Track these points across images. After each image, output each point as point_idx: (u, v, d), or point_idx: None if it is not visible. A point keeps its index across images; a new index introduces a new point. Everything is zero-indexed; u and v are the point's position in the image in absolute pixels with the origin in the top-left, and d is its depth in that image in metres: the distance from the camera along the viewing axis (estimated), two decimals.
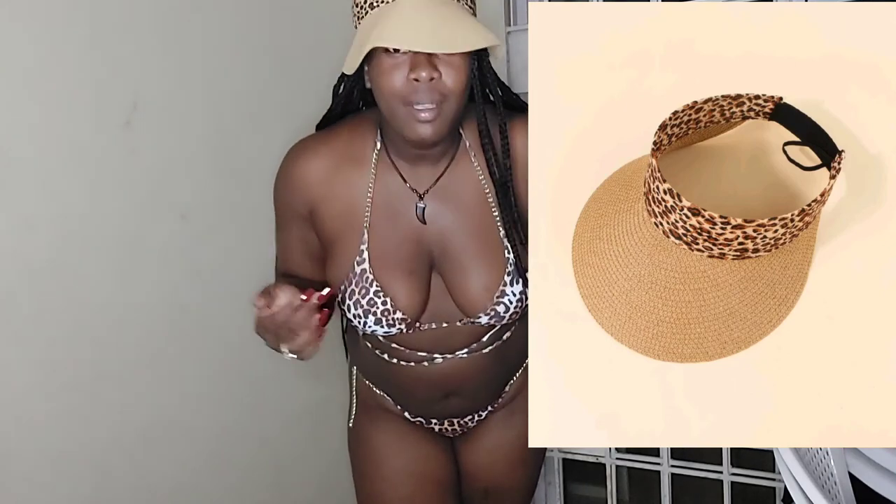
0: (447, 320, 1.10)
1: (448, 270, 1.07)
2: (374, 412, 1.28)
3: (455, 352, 1.13)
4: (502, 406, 1.29)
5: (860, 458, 1.01)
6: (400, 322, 1.08)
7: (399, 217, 1.05)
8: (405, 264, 1.05)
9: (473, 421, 1.29)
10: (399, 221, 1.05)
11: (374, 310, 1.05)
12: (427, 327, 1.10)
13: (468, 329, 1.12)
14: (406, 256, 1.05)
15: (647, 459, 1.99)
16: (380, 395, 1.26)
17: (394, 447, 1.25)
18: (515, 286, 1.07)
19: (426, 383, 1.16)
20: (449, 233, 1.06)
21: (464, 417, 1.28)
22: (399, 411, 1.27)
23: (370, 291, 1.04)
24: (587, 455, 2.06)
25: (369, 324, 1.07)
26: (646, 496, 2.07)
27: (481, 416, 1.28)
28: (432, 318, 1.10)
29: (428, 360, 1.13)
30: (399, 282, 1.05)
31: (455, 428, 1.29)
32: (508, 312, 1.09)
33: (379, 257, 1.04)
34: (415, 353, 1.13)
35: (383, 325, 1.07)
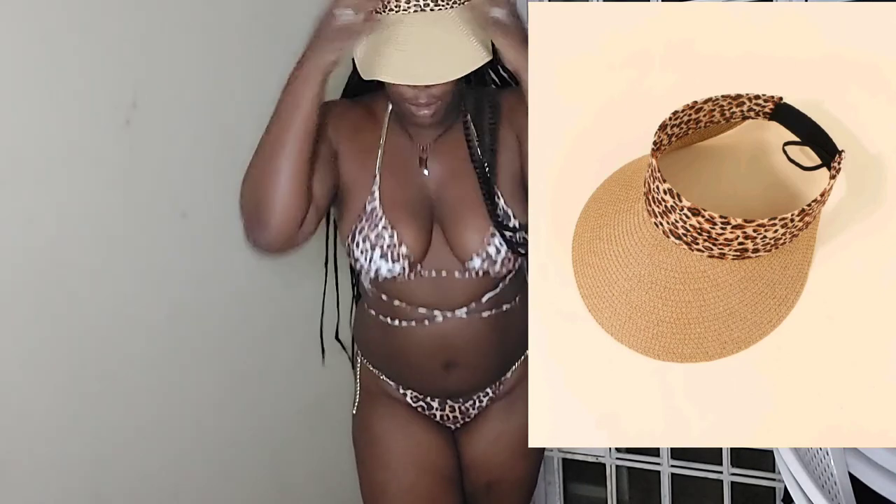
0: (446, 268, 1.18)
1: (445, 217, 1.17)
2: (377, 400, 1.31)
3: (454, 309, 1.19)
4: (503, 395, 1.31)
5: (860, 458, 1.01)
6: (403, 259, 1.15)
7: (405, 167, 1.17)
8: (409, 207, 1.16)
9: (475, 407, 1.31)
10: (405, 170, 1.17)
11: (380, 243, 1.14)
12: (427, 274, 1.18)
13: (466, 283, 1.19)
14: (410, 200, 1.16)
15: (647, 459, 2.00)
16: (383, 381, 1.30)
17: (396, 435, 1.28)
18: (504, 223, 1.15)
19: (427, 349, 1.21)
20: (446, 183, 1.17)
21: (465, 400, 1.30)
22: (402, 397, 1.30)
23: (378, 226, 1.14)
24: (587, 455, 2.06)
25: (374, 259, 1.14)
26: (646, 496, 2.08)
27: (482, 403, 1.31)
28: (432, 265, 1.17)
29: (428, 318, 1.19)
30: (404, 221, 1.14)
31: (456, 415, 1.31)
32: (500, 256, 1.17)
33: (388, 198, 1.15)
34: (415, 310, 1.19)
35: (388, 260, 1.14)
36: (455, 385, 1.26)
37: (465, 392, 1.29)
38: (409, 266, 1.16)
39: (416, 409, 1.31)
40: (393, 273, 1.16)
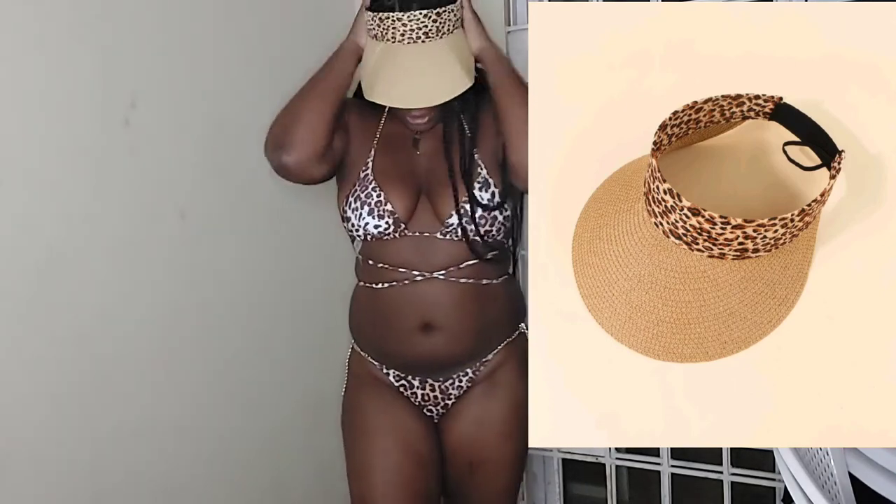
0: (429, 230, 1.31)
1: (431, 189, 1.32)
2: (364, 382, 1.40)
3: (433, 271, 1.30)
4: (483, 378, 1.38)
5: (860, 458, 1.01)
6: (389, 215, 1.29)
7: (399, 146, 1.35)
8: (399, 175, 1.32)
9: (454, 387, 1.38)
10: (399, 149, 1.35)
11: (369, 201, 1.29)
12: (412, 234, 1.31)
13: (446, 245, 1.30)
14: (401, 172, 1.32)
15: (647, 459, 1.99)
16: (369, 363, 1.40)
17: (380, 417, 1.36)
18: (482, 192, 1.29)
19: (406, 309, 1.31)
20: (434, 162, 1.33)
21: (444, 379, 1.37)
22: (385, 377, 1.39)
23: (368, 187, 1.30)
24: (587, 455, 2.06)
25: (363, 214, 1.29)
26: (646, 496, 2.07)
27: (461, 384, 1.37)
28: (416, 227, 1.31)
29: (408, 278, 1.31)
30: (392, 185, 1.30)
31: (437, 394, 1.38)
32: (477, 214, 1.29)
33: (379, 168, 1.32)
34: (397, 271, 1.31)
35: (374, 216, 1.28)
36: (432, 350, 1.32)
37: (444, 363, 1.34)
38: (395, 223, 1.29)
39: (398, 390, 1.38)
40: (379, 229, 1.29)
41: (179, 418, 1.49)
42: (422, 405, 1.40)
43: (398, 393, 1.39)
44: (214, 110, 1.54)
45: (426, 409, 1.40)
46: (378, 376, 1.40)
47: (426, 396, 1.39)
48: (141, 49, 1.38)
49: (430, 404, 1.40)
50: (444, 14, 1.23)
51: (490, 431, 1.37)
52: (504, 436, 1.38)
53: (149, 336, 1.43)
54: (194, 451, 1.53)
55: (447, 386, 1.38)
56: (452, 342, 1.32)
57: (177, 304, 1.48)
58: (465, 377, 1.37)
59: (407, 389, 1.39)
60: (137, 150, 1.38)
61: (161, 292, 1.44)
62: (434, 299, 1.31)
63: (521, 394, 1.36)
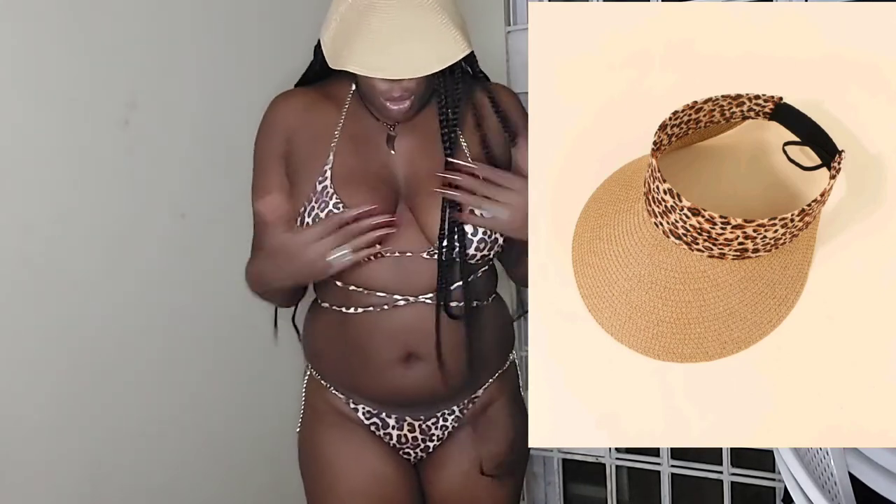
0: (412, 249, 1.07)
1: (414, 196, 1.08)
2: (323, 416, 1.18)
3: (418, 295, 1.07)
4: (472, 418, 1.18)
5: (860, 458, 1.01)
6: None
7: (368, 144, 1.09)
8: (368, 185, 1.06)
9: (437, 427, 1.17)
10: (367, 148, 1.09)
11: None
12: (389, 253, 1.06)
13: (433, 266, 1.07)
14: (371, 178, 1.07)
15: (647, 459, 1.99)
16: (332, 395, 1.17)
17: (345, 458, 1.15)
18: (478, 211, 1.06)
19: (385, 338, 1.08)
20: (417, 161, 1.09)
21: (426, 417, 1.16)
22: (352, 413, 1.17)
23: (329, 204, 1.04)
24: (587, 455, 2.06)
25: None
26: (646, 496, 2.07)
27: (446, 424, 1.17)
28: (396, 244, 1.06)
29: (388, 303, 1.07)
30: (359, 198, 1.04)
31: (416, 435, 1.17)
32: (477, 236, 1.07)
33: (341, 176, 1.06)
34: (373, 295, 1.08)
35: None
36: (414, 385, 1.10)
37: (427, 399, 1.13)
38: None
39: (369, 429, 1.17)
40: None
41: (179, 418, 1.49)
42: (397, 447, 1.18)
43: (368, 432, 1.17)
44: (214, 110, 1.54)
45: (403, 452, 1.19)
46: (343, 411, 1.17)
47: (403, 437, 1.17)
48: (140, 49, 1.38)
49: (407, 446, 1.18)
50: None
51: (482, 481, 1.17)
52: (497, 483, 1.18)
53: (148, 336, 1.43)
54: (194, 450, 1.53)
55: (430, 425, 1.17)
56: (438, 376, 1.10)
57: (177, 303, 1.48)
58: (451, 416, 1.17)
59: (380, 429, 1.17)
60: (137, 150, 1.38)
61: (160, 292, 1.44)
62: (418, 325, 1.08)
63: (514, 433, 1.18)
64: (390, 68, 0.97)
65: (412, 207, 1.08)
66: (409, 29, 0.97)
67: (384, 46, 0.96)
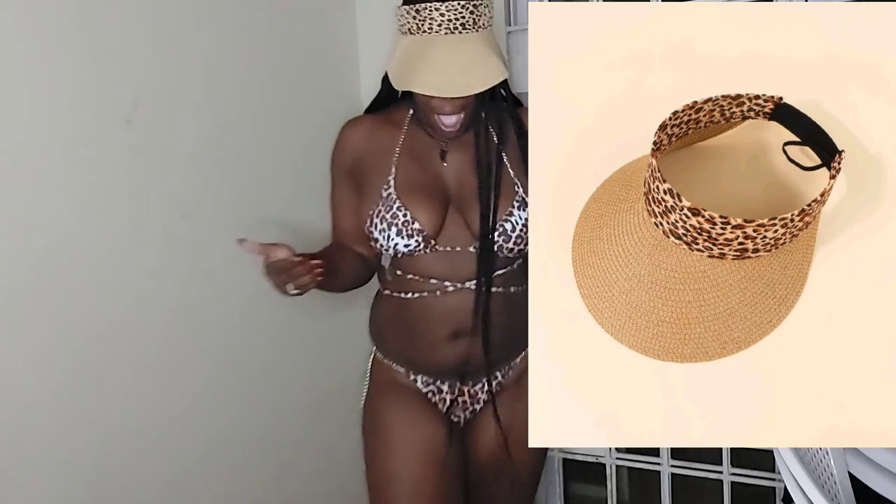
0: (460, 245, 1.29)
1: (464, 200, 1.30)
2: (388, 390, 1.39)
3: (464, 282, 1.29)
4: (511, 384, 1.38)
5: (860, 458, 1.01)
6: (417, 234, 1.27)
7: (424, 159, 1.32)
8: (425, 190, 1.29)
9: (483, 391, 1.37)
10: (424, 162, 1.31)
11: (396, 222, 1.27)
12: (442, 249, 1.29)
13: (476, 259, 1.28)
14: (427, 187, 1.30)
15: (647, 459, 1.99)
16: (394, 370, 1.38)
17: (405, 424, 1.35)
18: (521, 212, 1.27)
19: (437, 317, 1.30)
20: (465, 172, 1.30)
21: (473, 382, 1.36)
22: (412, 384, 1.37)
23: (393, 207, 1.27)
24: (587, 455, 2.06)
25: (392, 236, 1.27)
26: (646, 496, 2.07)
27: (490, 389, 1.35)
28: (446, 241, 1.29)
29: (440, 289, 1.30)
30: (418, 201, 1.28)
31: (465, 399, 1.37)
32: (515, 232, 1.27)
33: (403, 185, 1.29)
34: (427, 283, 1.30)
35: (403, 236, 1.26)
36: (461, 357, 1.31)
37: (471, 368, 1.32)
38: (424, 240, 1.27)
39: (426, 397, 1.37)
40: (409, 248, 1.27)
41: (181, 417, 1.50)
42: (449, 410, 1.39)
43: (423, 399, 1.38)
44: (216, 110, 1.54)
45: (453, 415, 1.39)
46: (403, 382, 1.38)
47: (455, 402, 1.38)
48: (143, 49, 1.39)
49: (458, 409, 1.39)
50: (479, 7, 1.22)
51: (516, 436, 1.36)
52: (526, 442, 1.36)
53: (150, 335, 1.43)
54: (196, 449, 1.53)
55: (476, 390, 1.38)
56: (481, 347, 1.31)
57: (178, 303, 1.48)
58: (494, 381, 1.37)
59: (435, 395, 1.38)
60: (139, 150, 1.38)
61: (163, 291, 1.45)
62: (464, 307, 1.29)
63: None
64: (447, 88, 1.20)
65: (460, 209, 1.30)
66: (459, 59, 1.20)
67: (441, 72, 1.19)
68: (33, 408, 1.25)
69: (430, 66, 1.20)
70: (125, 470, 1.40)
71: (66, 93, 1.27)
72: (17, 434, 1.23)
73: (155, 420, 1.44)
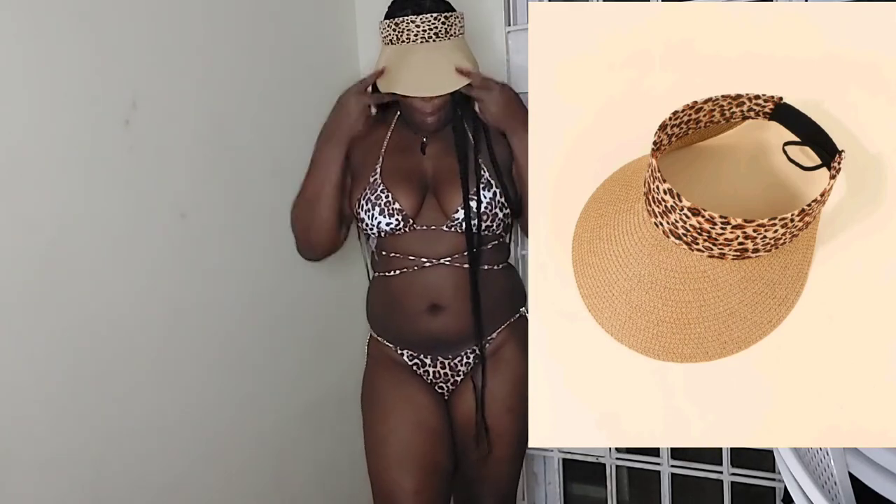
0: (435, 224, 1.45)
1: (438, 185, 1.46)
2: (381, 364, 1.55)
3: (441, 258, 1.45)
4: (489, 356, 1.50)
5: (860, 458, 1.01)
6: (398, 213, 1.43)
7: (407, 151, 1.50)
8: (406, 176, 1.47)
9: (462, 363, 1.51)
10: (406, 153, 1.50)
11: (379, 203, 1.44)
12: (420, 228, 1.45)
13: (451, 236, 1.45)
14: (408, 173, 1.47)
15: (647, 459, 1.99)
16: (385, 346, 1.54)
17: (396, 393, 1.50)
18: (485, 192, 1.44)
19: (416, 292, 1.46)
20: (440, 162, 1.48)
21: (453, 356, 1.50)
22: (400, 357, 1.53)
23: (377, 190, 1.45)
24: (587, 455, 2.06)
25: (375, 215, 1.44)
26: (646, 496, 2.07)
27: (468, 360, 1.50)
28: (424, 221, 1.45)
29: (417, 265, 1.46)
30: (399, 185, 1.45)
31: (447, 371, 1.52)
32: (481, 209, 1.43)
33: (387, 172, 1.46)
34: (407, 259, 1.46)
35: (385, 215, 1.43)
36: (440, 328, 1.46)
37: (451, 340, 1.48)
38: (403, 219, 1.44)
39: (412, 369, 1.52)
40: (391, 226, 1.44)
41: (180, 418, 1.49)
42: (433, 382, 1.52)
43: (412, 372, 1.52)
44: (215, 110, 1.54)
45: (437, 387, 1.53)
46: (394, 357, 1.53)
47: (437, 374, 1.52)
48: (141, 49, 1.38)
49: (440, 381, 1.52)
50: (450, 18, 1.43)
51: (494, 405, 1.49)
52: (507, 409, 1.50)
53: (149, 336, 1.43)
54: (195, 450, 1.53)
55: (456, 363, 1.50)
56: (457, 320, 1.46)
57: (177, 303, 1.47)
58: (472, 354, 1.50)
59: (420, 367, 1.52)
60: (138, 150, 1.38)
61: (161, 292, 1.44)
62: (440, 282, 1.45)
63: (521, 371, 1.49)
64: (423, 89, 1.41)
65: (436, 195, 1.46)
66: (434, 64, 1.41)
67: (419, 76, 1.40)
68: (31, 408, 1.25)
69: (408, 71, 1.41)
70: (125, 470, 1.40)
71: (65, 93, 1.27)
72: (16, 435, 1.23)
73: (154, 420, 1.44)
